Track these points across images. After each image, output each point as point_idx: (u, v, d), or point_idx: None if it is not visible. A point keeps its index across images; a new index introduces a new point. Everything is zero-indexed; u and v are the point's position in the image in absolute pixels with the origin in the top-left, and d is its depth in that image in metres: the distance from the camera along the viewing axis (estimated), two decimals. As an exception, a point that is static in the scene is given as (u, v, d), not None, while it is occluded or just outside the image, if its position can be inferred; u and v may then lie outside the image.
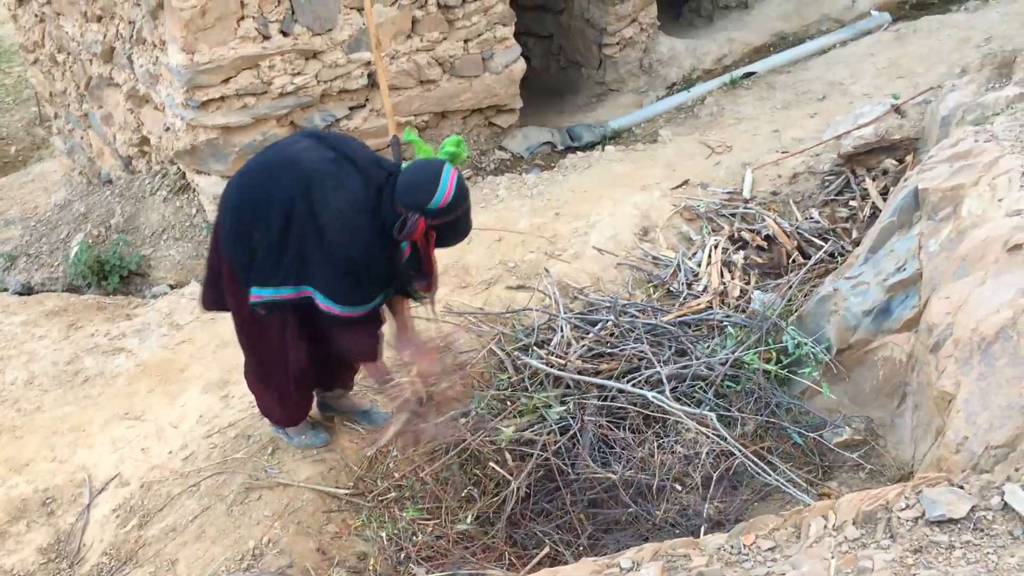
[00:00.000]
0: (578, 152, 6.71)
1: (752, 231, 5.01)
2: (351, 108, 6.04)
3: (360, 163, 3.26)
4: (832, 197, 5.17)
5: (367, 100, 6.07)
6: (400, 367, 3.48)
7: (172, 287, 5.92)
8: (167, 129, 6.01)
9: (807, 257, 4.74)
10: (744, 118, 6.67)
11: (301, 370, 3.57)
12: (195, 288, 5.61)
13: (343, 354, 3.53)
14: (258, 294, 3.32)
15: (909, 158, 5.03)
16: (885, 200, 4.67)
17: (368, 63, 5.86)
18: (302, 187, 3.17)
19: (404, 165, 3.24)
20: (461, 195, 3.18)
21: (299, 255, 3.23)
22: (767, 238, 4.94)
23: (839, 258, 4.61)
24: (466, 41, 6.30)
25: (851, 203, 5.04)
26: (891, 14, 7.45)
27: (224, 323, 4.95)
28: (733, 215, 5.21)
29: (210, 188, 5.93)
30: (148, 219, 6.41)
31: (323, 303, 3.24)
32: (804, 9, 7.77)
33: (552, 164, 6.63)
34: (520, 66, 6.65)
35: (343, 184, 3.19)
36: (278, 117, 5.76)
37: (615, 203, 5.55)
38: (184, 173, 6.30)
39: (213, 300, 3.61)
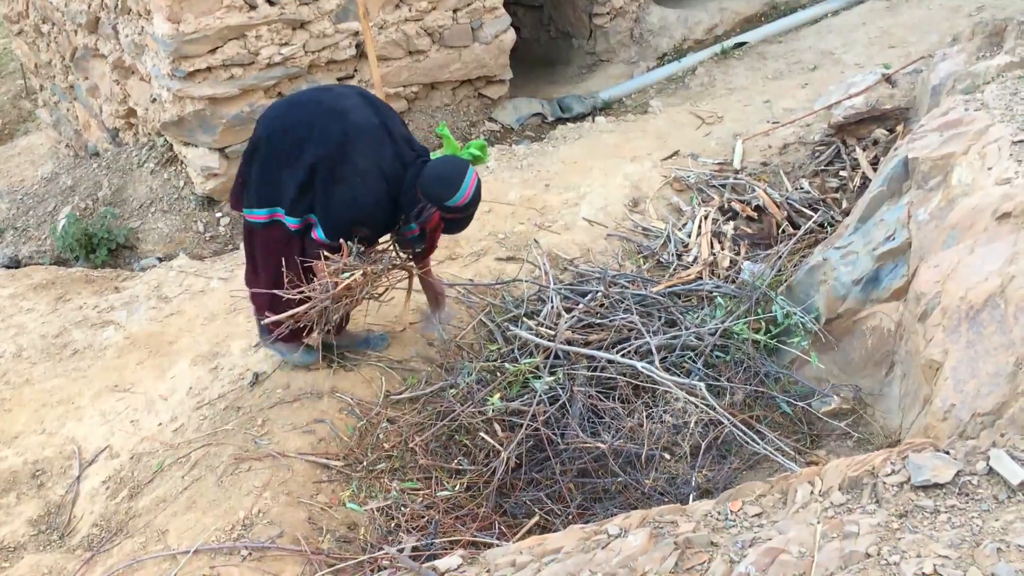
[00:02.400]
0: (568, 123, 6.68)
1: (742, 202, 5.00)
2: (339, 79, 5.98)
3: (396, 136, 3.55)
4: (822, 167, 5.16)
5: (355, 71, 6.02)
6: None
7: (160, 259, 5.89)
8: (154, 100, 5.95)
9: (797, 227, 4.74)
10: (735, 88, 6.64)
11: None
12: (184, 260, 5.59)
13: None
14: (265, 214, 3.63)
15: (900, 128, 5.02)
16: (875, 170, 4.67)
17: (356, 33, 5.80)
18: (341, 139, 3.45)
19: (434, 155, 3.59)
20: (477, 198, 3.58)
21: (313, 192, 3.52)
22: (757, 208, 4.94)
23: (829, 228, 4.61)
24: (455, 11, 6.24)
25: (841, 173, 5.03)
26: (883, -17, 7.40)
27: (213, 295, 4.95)
28: (723, 186, 5.21)
29: (198, 160, 5.88)
30: (136, 191, 6.36)
31: (318, 235, 3.59)
32: (796, -22, 7.72)
33: (542, 136, 6.60)
34: (510, 36, 6.60)
35: (378, 151, 3.49)
36: (265, 88, 5.71)
37: (605, 174, 5.53)
38: (171, 145, 6.24)
39: (239, 202, 3.81)
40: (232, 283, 4.97)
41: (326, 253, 3.58)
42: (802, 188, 5.04)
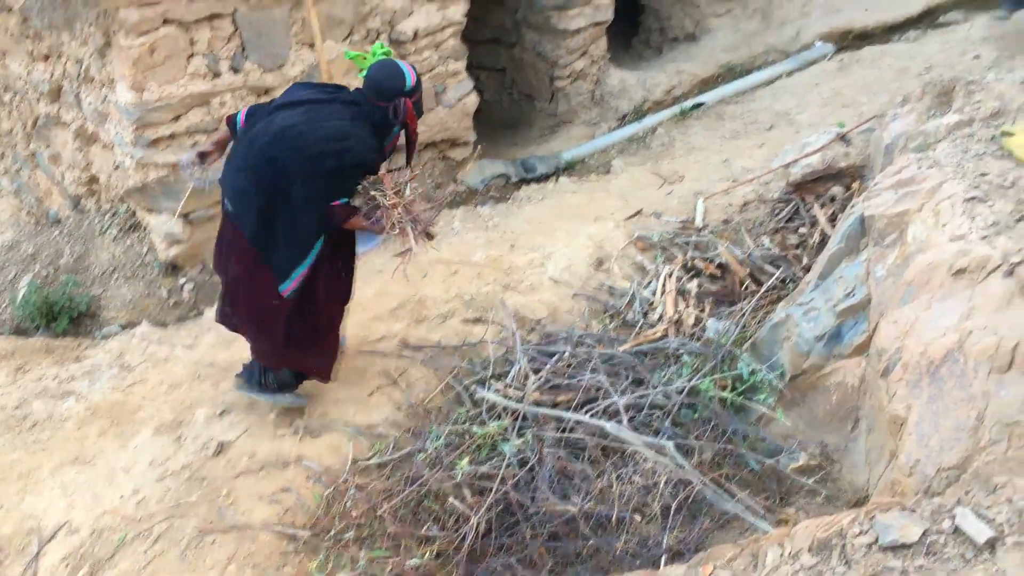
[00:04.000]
0: (532, 184, 6.75)
1: (705, 259, 5.06)
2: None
3: (322, 99, 3.83)
4: (782, 224, 5.25)
5: (320, 136, 6.05)
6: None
7: (123, 327, 5.81)
8: (116, 168, 5.93)
9: (760, 284, 4.80)
10: (695, 148, 6.77)
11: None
12: (147, 328, 5.53)
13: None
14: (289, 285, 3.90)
15: (856, 185, 5.13)
16: (834, 226, 4.75)
17: (320, 99, 5.85)
18: (274, 148, 3.72)
19: (361, 74, 3.86)
20: (416, 72, 3.89)
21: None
22: (720, 266, 5.00)
23: (791, 284, 4.67)
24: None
25: (801, 230, 5.12)
26: (834, 44, 7.62)
27: (176, 363, 4.89)
28: (686, 244, 5.27)
29: (161, 226, 5.85)
30: (98, 259, 6.30)
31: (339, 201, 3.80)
32: (750, 41, 7.93)
33: (507, 196, 6.66)
34: (473, 99, 6.69)
35: (312, 122, 3.71)
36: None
37: (570, 234, 5.58)
38: (134, 212, 6.21)
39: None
40: (196, 351, 4.93)
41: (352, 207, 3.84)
42: (763, 245, 5.12)
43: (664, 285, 4.92)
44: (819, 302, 3.95)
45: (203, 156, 4.19)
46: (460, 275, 5.28)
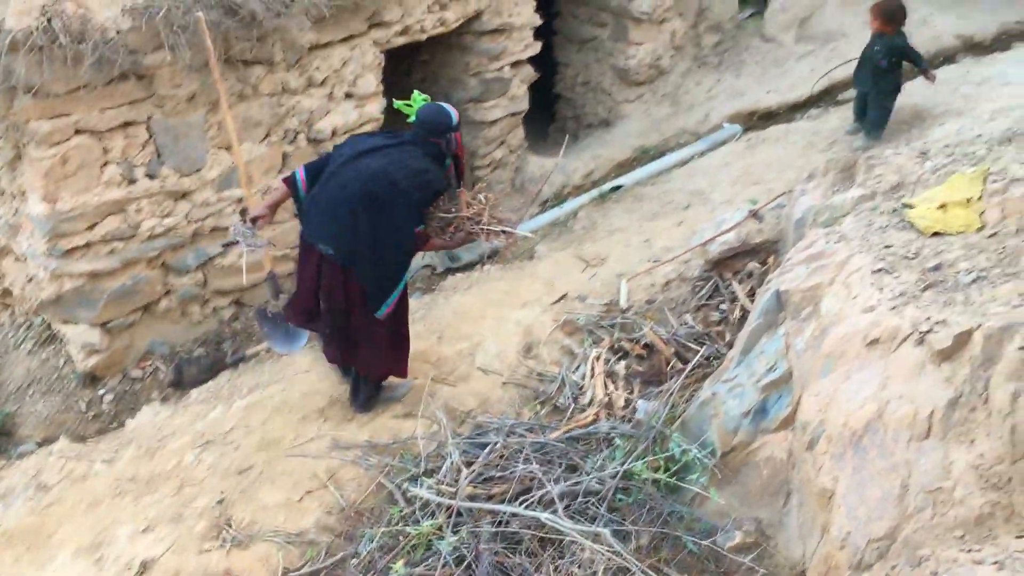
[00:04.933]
0: (459, 273, 6.77)
1: (631, 340, 5.12)
2: (225, 245, 5.96)
3: (392, 143, 4.44)
4: (704, 302, 5.35)
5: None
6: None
7: (40, 444, 5.59)
8: (30, 280, 5.79)
9: (685, 362, 4.86)
10: (616, 230, 6.89)
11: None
12: (64, 444, 5.32)
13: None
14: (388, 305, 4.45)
15: (771, 260, 5.27)
16: (753, 302, 4.86)
17: (240, 199, 5.83)
18: (373, 186, 4.28)
19: (411, 119, 4.49)
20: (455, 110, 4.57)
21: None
22: (646, 346, 5.06)
23: (715, 362, 4.74)
24: (339, 172, 6.35)
25: (722, 307, 5.22)
26: (741, 125, 7.91)
27: (96, 479, 4.71)
28: (612, 326, 5.32)
29: (78, 337, 5.70)
30: (12, 374, 6.09)
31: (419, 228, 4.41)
32: (661, 125, 8.18)
33: (433, 287, 6.66)
34: (394, 193, 6.73)
35: (396, 162, 4.32)
36: (148, 259, 5.63)
37: (497, 322, 5.59)
38: (50, 324, 6.05)
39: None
40: (117, 465, 4.75)
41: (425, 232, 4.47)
42: (687, 323, 5.20)
43: (593, 368, 4.94)
44: (743, 378, 4.01)
45: (255, 220, 4.59)
46: (389, 370, 5.23)
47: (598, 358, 5.00)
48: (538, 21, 7.27)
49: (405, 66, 7.63)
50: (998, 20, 8.63)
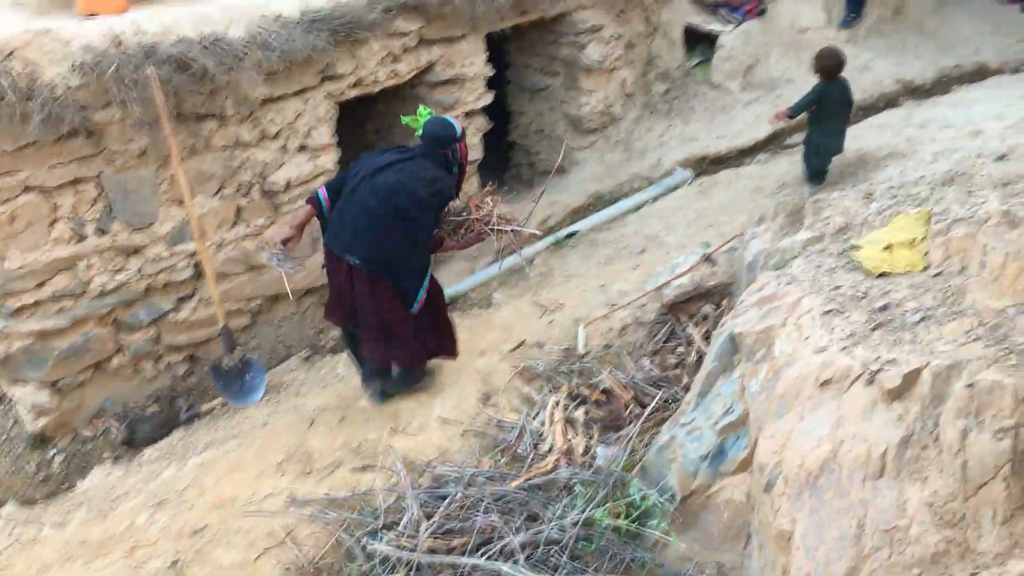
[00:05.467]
0: (415, 322, 6.75)
1: (590, 386, 5.12)
2: (178, 300, 5.90)
3: (404, 158, 4.84)
4: (661, 345, 5.38)
5: (195, 290, 5.95)
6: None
7: (-13, 509, 5.43)
8: (-23, 339, 5.67)
9: (644, 406, 4.87)
10: (572, 275, 6.93)
11: None
12: (12, 508, 5.18)
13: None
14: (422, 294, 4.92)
15: (725, 302, 5.33)
16: (709, 344, 4.90)
17: (193, 254, 5.78)
18: (395, 199, 4.69)
19: (419, 133, 4.93)
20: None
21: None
22: (605, 392, 5.06)
23: (673, 405, 4.76)
24: (294, 224, 6.33)
25: (679, 350, 5.26)
26: (693, 170, 8.04)
27: (45, 543, 4.58)
28: (570, 372, 5.33)
29: (28, 397, 5.57)
30: (-42, 437, 5.93)
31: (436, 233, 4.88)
32: (615, 171, 8.29)
33: (391, 336, 6.63)
34: (350, 244, 6.72)
35: (411, 175, 4.73)
36: (99, 316, 5.56)
37: (456, 370, 5.57)
38: (-2, 384, 5.92)
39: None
40: (67, 529, 4.63)
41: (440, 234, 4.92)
42: (644, 367, 5.22)
43: (552, 415, 4.93)
44: (700, 421, 4.03)
45: (285, 242, 4.92)
46: (347, 421, 5.18)
47: (557, 405, 5.00)
48: (490, 72, 7.36)
49: (360, 116, 7.67)
50: (936, 65, 8.94)
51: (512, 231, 5.00)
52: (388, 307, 4.89)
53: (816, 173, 6.92)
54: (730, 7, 9.09)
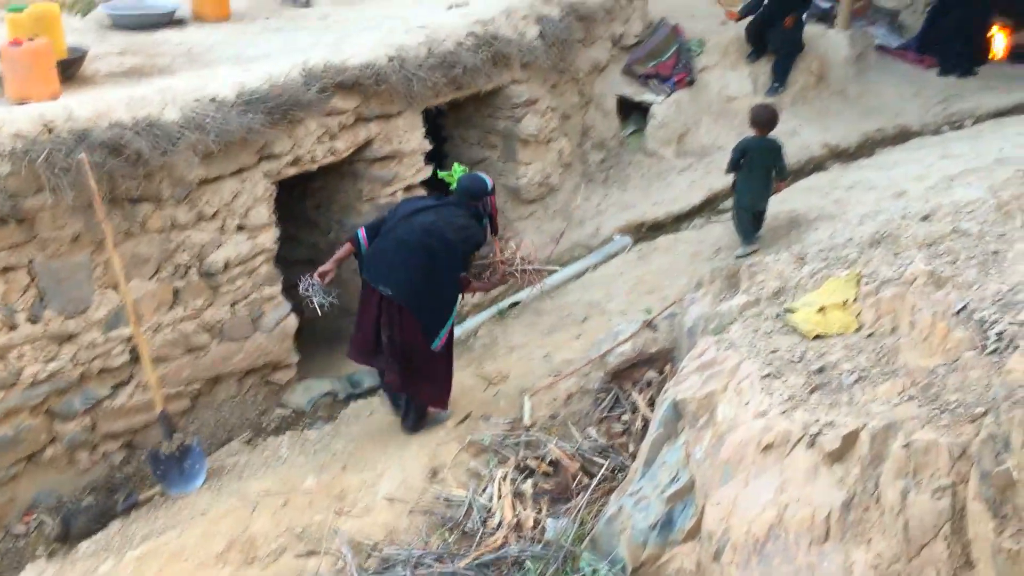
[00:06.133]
0: (360, 399, 6.67)
1: (537, 458, 5.10)
2: (114, 386, 5.76)
3: (440, 204, 5.52)
4: (606, 414, 5.39)
5: (131, 376, 5.81)
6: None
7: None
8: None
9: (591, 476, 4.86)
10: (516, 346, 6.94)
11: None
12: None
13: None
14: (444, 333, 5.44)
15: (668, 368, 5.38)
16: (653, 411, 4.93)
17: (130, 338, 5.66)
18: (427, 239, 5.27)
19: (453, 187, 5.66)
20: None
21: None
22: (552, 463, 5.04)
23: (620, 474, 4.76)
24: (233, 304, 6.26)
25: (624, 417, 5.28)
26: (631, 236, 8.17)
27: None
28: (517, 444, 5.31)
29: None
30: None
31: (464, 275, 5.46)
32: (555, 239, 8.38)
33: (335, 415, 6.53)
34: (292, 322, 6.65)
35: (445, 219, 5.35)
36: (31, 407, 5.38)
37: (401, 447, 5.52)
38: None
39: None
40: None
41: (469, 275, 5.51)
42: (591, 436, 5.22)
43: (500, 489, 4.89)
44: (648, 490, 4.02)
45: (323, 275, 5.49)
46: (291, 505, 5.07)
47: (504, 478, 4.96)
48: (428, 146, 7.43)
49: (299, 192, 7.66)
50: (860, 129, 9.28)
51: (535, 270, 5.66)
52: (412, 339, 5.33)
53: (743, 230, 7.08)
54: (660, 78, 9.36)
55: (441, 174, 5.69)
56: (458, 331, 7.42)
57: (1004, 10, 11.03)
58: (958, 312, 3.30)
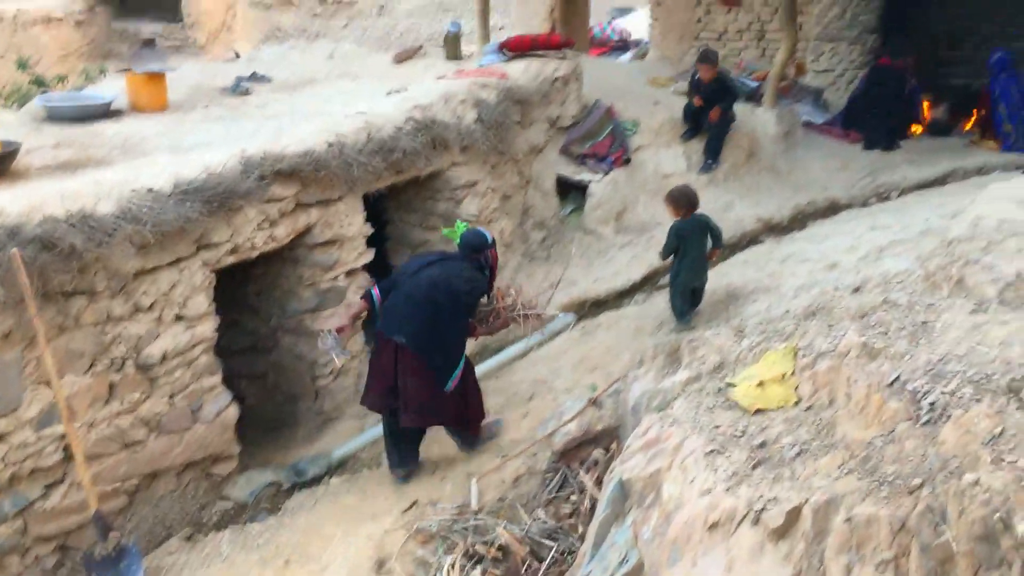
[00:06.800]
0: (304, 489, 6.53)
1: (485, 543, 5.01)
2: (47, 486, 5.56)
3: (446, 259, 6.13)
4: (554, 494, 5.34)
5: (65, 475, 5.62)
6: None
7: None
8: None
9: (541, 560, 4.78)
10: (462, 428, 6.88)
11: None
12: None
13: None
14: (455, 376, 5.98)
15: (614, 446, 5.36)
16: (601, 491, 4.89)
17: (63, 436, 5.49)
18: (435, 292, 5.83)
19: (457, 242, 6.20)
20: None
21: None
22: (501, 548, 4.96)
23: (570, 556, 4.69)
24: (171, 396, 6.13)
25: (572, 498, 5.23)
26: (574, 313, 8.22)
27: None
28: (466, 529, 5.21)
29: None
30: None
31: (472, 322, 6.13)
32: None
33: (279, 506, 6.38)
34: (232, 412, 6.53)
35: (451, 272, 5.93)
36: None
37: (347, 538, 5.40)
38: None
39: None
40: None
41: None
42: (539, 519, 5.15)
43: (448, 578, 4.79)
44: (597, 573, 3.96)
45: (340, 330, 6.02)
46: (232, 605, 4.90)
47: (453, 566, 4.86)
48: (369, 230, 7.46)
49: (240, 278, 7.60)
50: (791, 202, 9.55)
51: (535, 315, 6.23)
52: (426, 383, 5.82)
53: (679, 310, 7.16)
54: (597, 158, 9.56)
55: (445, 231, 6.36)
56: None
57: (923, 86, 11.61)
58: (891, 383, 3.37)
